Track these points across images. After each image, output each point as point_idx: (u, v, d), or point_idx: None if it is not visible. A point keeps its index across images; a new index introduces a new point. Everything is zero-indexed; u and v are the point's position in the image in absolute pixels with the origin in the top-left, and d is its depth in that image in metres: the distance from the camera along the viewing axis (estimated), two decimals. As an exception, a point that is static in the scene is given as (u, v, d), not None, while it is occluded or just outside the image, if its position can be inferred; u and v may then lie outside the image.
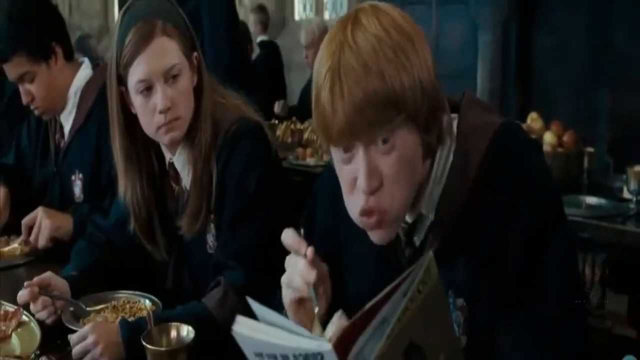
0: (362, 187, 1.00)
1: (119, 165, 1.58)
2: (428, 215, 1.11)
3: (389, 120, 0.97)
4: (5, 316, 1.48)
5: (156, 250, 1.63)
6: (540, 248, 1.06)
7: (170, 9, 1.52)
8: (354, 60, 0.97)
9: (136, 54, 1.45)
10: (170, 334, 1.19)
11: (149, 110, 1.47)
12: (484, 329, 1.09)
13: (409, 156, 1.02)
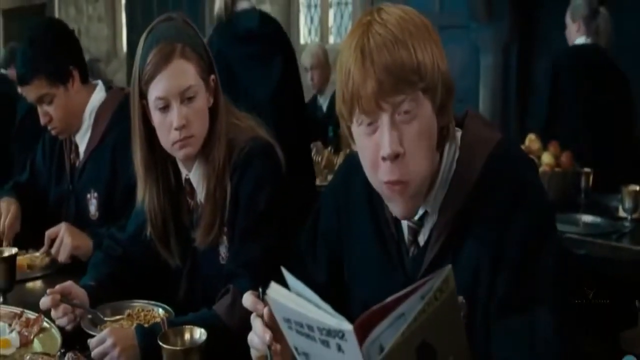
0: (386, 152, 1.12)
1: (138, 173, 1.69)
2: (432, 214, 1.23)
3: (411, 85, 1.10)
4: (27, 323, 1.58)
5: (170, 257, 1.74)
6: (534, 252, 1.17)
7: (191, 33, 1.64)
8: (383, 32, 1.11)
9: (156, 72, 1.57)
10: (184, 336, 1.28)
11: (165, 127, 1.59)
12: (481, 327, 1.19)
13: (427, 130, 1.15)
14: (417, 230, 1.26)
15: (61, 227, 2.06)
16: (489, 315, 1.19)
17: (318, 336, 0.86)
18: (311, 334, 0.87)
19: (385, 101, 1.11)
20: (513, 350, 1.15)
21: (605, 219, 2.64)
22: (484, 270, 1.18)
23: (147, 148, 1.66)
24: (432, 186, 1.21)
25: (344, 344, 0.83)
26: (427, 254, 1.23)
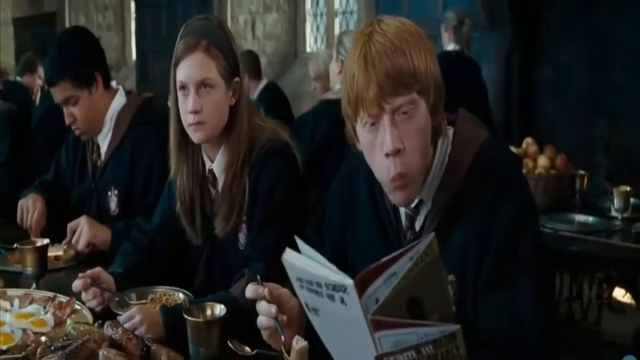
0: (388, 148, 1.28)
1: (172, 151, 1.88)
2: (427, 202, 1.40)
3: (408, 87, 1.27)
4: (60, 305, 1.74)
5: (193, 235, 1.91)
6: (515, 236, 1.33)
7: (221, 35, 1.82)
8: (383, 41, 1.28)
9: (180, 59, 1.78)
10: (206, 311, 1.44)
11: (183, 108, 1.79)
12: (469, 302, 1.36)
13: (423, 128, 1.31)
14: (413, 217, 1.42)
15: (81, 219, 2.23)
16: (476, 292, 1.35)
17: (325, 291, 1.02)
18: (319, 290, 1.03)
19: (386, 102, 1.28)
20: (498, 321, 1.31)
21: (598, 218, 2.80)
22: (472, 252, 1.35)
23: (180, 128, 1.85)
24: (427, 177, 1.38)
25: (346, 297, 0.99)
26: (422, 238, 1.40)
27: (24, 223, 2.36)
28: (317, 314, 1.07)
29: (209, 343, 1.39)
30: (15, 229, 2.40)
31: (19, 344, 1.54)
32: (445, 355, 0.95)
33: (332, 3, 6.51)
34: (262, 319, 1.36)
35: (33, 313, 1.72)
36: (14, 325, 1.63)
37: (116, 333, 1.31)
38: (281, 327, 1.34)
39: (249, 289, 1.38)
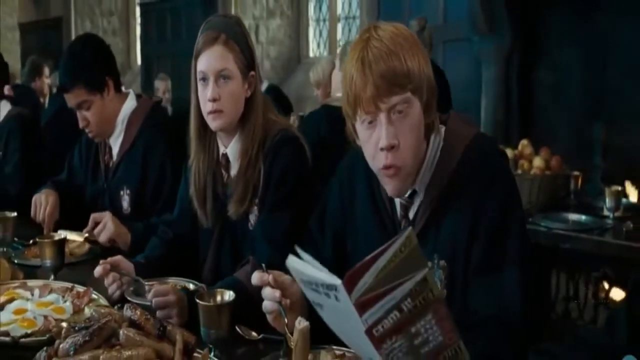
0: (384, 144, 1.42)
1: (192, 137, 2.03)
2: (420, 193, 1.53)
3: (402, 87, 1.41)
4: (78, 295, 1.87)
5: (204, 217, 2.06)
6: (502, 225, 1.47)
7: (238, 31, 1.97)
8: (379, 45, 1.42)
9: (201, 50, 1.93)
10: (217, 297, 1.57)
11: (203, 97, 1.93)
12: (459, 285, 1.49)
13: (416, 125, 1.45)
14: (407, 206, 1.56)
15: (106, 214, 2.35)
16: (466, 276, 1.48)
17: (322, 290, 1.15)
18: (318, 289, 1.16)
19: (382, 102, 1.41)
20: (486, 301, 1.44)
21: (590, 217, 2.92)
22: (461, 239, 1.48)
23: (200, 117, 1.99)
24: (420, 170, 1.51)
25: (338, 295, 1.11)
26: (415, 226, 1.53)
27: (37, 216, 2.50)
28: (322, 308, 1.19)
29: (219, 326, 1.52)
30: (29, 228, 2.53)
31: (42, 329, 1.67)
32: (424, 303, 1.07)
33: (334, 9, 6.64)
34: (267, 303, 1.50)
35: (53, 302, 1.84)
36: (36, 312, 1.76)
37: (135, 314, 1.44)
38: (285, 310, 1.47)
39: (254, 277, 1.51)
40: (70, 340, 1.38)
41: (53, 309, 1.79)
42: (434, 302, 1.08)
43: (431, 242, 1.52)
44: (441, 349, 1.11)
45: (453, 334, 1.11)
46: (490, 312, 1.44)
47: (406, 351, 1.10)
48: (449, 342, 1.11)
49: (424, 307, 1.08)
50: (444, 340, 1.11)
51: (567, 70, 4.75)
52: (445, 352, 1.12)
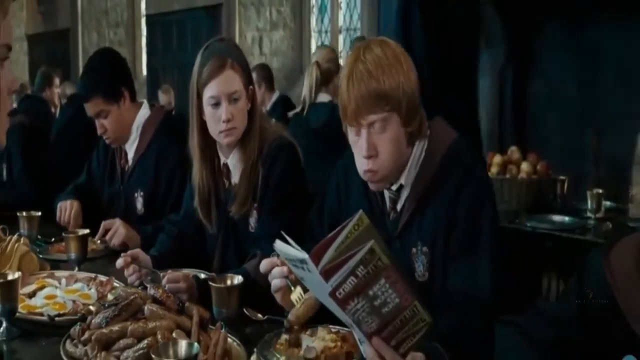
0: (364, 154, 1.68)
1: (194, 155, 2.24)
2: (406, 188, 1.77)
3: (380, 108, 1.65)
4: (101, 283, 2.11)
5: (209, 225, 2.29)
6: (475, 217, 1.71)
7: (238, 52, 2.21)
8: (362, 69, 1.65)
9: (211, 78, 2.12)
10: (227, 281, 1.80)
11: (215, 119, 2.14)
12: (440, 269, 1.73)
13: (395, 139, 1.68)
14: (395, 200, 1.79)
15: (116, 221, 2.59)
16: (445, 260, 1.72)
17: (299, 265, 1.37)
18: (297, 265, 1.39)
19: (362, 118, 1.65)
20: (462, 284, 1.68)
21: (573, 218, 3.15)
22: (441, 229, 1.72)
23: (201, 135, 2.21)
24: (405, 168, 1.75)
25: (310, 267, 1.33)
26: (402, 217, 1.77)
27: (62, 220, 2.74)
28: (305, 281, 1.43)
29: (229, 305, 1.75)
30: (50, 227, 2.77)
31: (71, 311, 1.91)
32: (375, 270, 1.30)
33: (336, 20, 6.87)
34: (276, 281, 1.72)
35: (79, 289, 2.08)
36: (65, 297, 2.00)
37: (157, 292, 1.67)
38: (292, 283, 1.70)
39: (264, 264, 1.74)
40: (102, 315, 1.62)
41: (80, 295, 2.03)
42: (384, 269, 1.30)
43: (415, 230, 1.76)
44: (400, 310, 1.34)
45: (408, 295, 1.34)
46: (463, 290, 1.67)
47: (369, 311, 1.33)
48: (405, 303, 1.34)
49: (376, 273, 1.30)
50: (401, 302, 1.34)
51: (558, 82, 4.89)
52: (404, 312, 1.35)
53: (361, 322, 1.35)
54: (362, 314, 1.33)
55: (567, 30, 4.72)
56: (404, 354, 1.40)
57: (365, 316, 1.33)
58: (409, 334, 1.38)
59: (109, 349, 1.53)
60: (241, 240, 2.26)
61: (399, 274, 1.33)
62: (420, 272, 1.77)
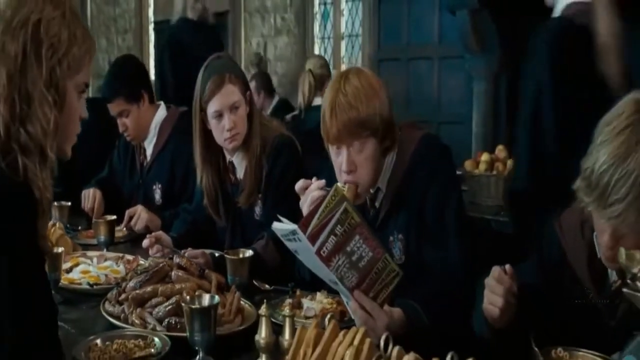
0: (344, 169, 1.99)
1: (197, 163, 2.58)
2: (382, 189, 2.09)
3: (359, 134, 1.96)
4: (128, 261, 2.45)
5: (219, 220, 2.64)
6: (443, 205, 2.04)
7: (233, 65, 2.58)
8: (343, 100, 1.95)
9: (213, 95, 2.47)
10: (239, 254, 2.14)
11: (219, 129, 2.49)
12: (414, 252, 2.06)
13: (372, 157, 1.99)
14: (373, 199, 2.12)
15: (138, 207, 2.95)
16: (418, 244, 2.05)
17: (292, 237, 1.68)
18: (290, 238, 1.70)
19: (342, 142, 1.97)
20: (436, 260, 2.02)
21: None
22: (413, 218, 2.05)
23: (204, 144, 2.56)
24: (380, 172, 2.06)
25: (299, 236, 1.63)
26: (380, 213, 2.10)
27: (86, 206, 3.09)
28: (298, 253, 1.76)
29: (241, 274, 2.09)
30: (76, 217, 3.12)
31: (105, 283, 2.25)
32: (350, 228, 1.63)
33: (338, 27, 7.17)
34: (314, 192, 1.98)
35: (109, 266, 2.43)
36: (98, 272, 2.34)
37: (182, 261, 2.02)
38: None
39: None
40: (135, 280, 1.96)
41: (111, 270, 2.37)
42: (357, 226, 1.65)
43: (392, 222, 2.09)
44: (374, 262, 1.69)
45: (379, 249, 1.69)
46: (437, 266, 2.02)
47: (349, 266, 1.67)
48: (377, 255, 1.69)
49: (351, 230, 1.64)
50: (374, 255, 1.68)
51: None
52: (377, 264, 1.69)
53: (344, 278, 1.68)
54: (344, 269, 1.66)
55: None
56: (381, 304, 1.75)
57: (346, 271, 1.67)
58: (383, 285, 1.73)
59: (142, 306, 1.88)
60: (248, 227, 2.60)
61: (369, 231, 1.68)
62: (397, 256, 2.10)
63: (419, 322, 1.84)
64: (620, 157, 1.41)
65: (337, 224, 1.63)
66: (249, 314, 1.93)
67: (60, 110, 1.37)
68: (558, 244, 1.78)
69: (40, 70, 1.34)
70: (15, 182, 1.29)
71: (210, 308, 1.64)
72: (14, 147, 1.31)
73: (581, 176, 1.50)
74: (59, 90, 1.36)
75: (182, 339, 1.69)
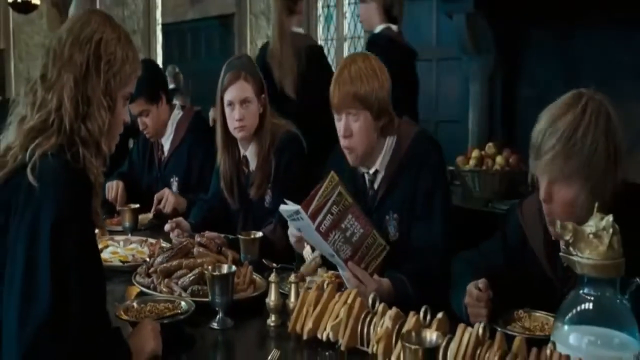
0: (341, 134, 2.37)
1: (218, 147, 2.95)
2: (381, 171, 2.44)
3: (355, 106, 2.33)
4: (151, 244, 2.81)
5: (233, 202, 3.00)
6: (432, 190, 2.39)
7: (251, 66, 2.93)
8: (346, 76, 2.33)
9: (228, 86, 2.86)
10: (251, 235, 2.50)
11: (231, 118, 2.86)
12: (406, 231, 2.41)
13: (365, 128, 2.35)
14: (372, 181, 2.48)
15: (165, 190, 3.31)
16: (410, 224, 2.40)
17: (296, 217, 2.05)
18: (294, 217, 2.07)
19: (342, 111, 2.35)
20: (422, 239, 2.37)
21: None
22: (407, 201, 2.41)
23: (224, 131, 2.92)
24: (380, 156, 2.43)
25: (302, 215, 2.01)
26: (378, 194, 2.46)
27: (110, 197, 3.46)
28: (301, 231, 2.12)
29: (252, 252, 2.45)
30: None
31: (132, 261, 2.61)
32: (344, 208, 2.00)
33: (341, 29, 7.46)
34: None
35: (135, 248, 2.79)
36: (126, 253, 2.70)
37: (202, 239, 2.38)
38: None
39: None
40: (162, 256, 2.32)
41: (137, 251, 2.73)
42: (350, 206, 2.02)
43: (388, 203, 2.44)
44: (364, 237, 2.06)
45: (369, 226, 2.05)
46: (423, 243, 2.37)
47: (343, 241, 2.04)
48: (367, 232, 2.06)
49: (345, 210, 2.02)
50: (364, 231, 2.05)
51: (545, 86, 5.11)
52: (367, 239, 2.05)
53: (339, 251, 2.05)
54: (339, 243, 2.03)
55: (553, 39, 5.10)
56: (371, 274, 2.10)
57: (341, 245, 2.04)
58: (372, 257, 2.09)
59: (169, 277, 2.23)
60: (258, 215, 2.96)
61: (360, 211, 2.05)
62: (392, 233, 2.45)
63: (405, 292, 2.19)
64: (553, 120, 1.82)
65: (333, 204, 2.00)
66: (260, 285, 2.28)
67: (112, 114, 1.73)
68: (520, 228, 2.12)
69: (98, 80, 1.69)
70: (77, 169, 1.64)
71: (229, 275, 1.99)
72: (77, 140, 1.66)
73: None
74: (112, 98, 1.72)
75: (204, 303, 2.05)
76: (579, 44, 4.83)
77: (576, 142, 1.79)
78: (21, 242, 1.54)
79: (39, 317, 1.48)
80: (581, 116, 1.81)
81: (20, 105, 1.74)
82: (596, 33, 4.70)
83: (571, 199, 1.84)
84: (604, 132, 1.81)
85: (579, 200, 1.84)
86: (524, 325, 1.95)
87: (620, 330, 1.57)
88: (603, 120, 1.81)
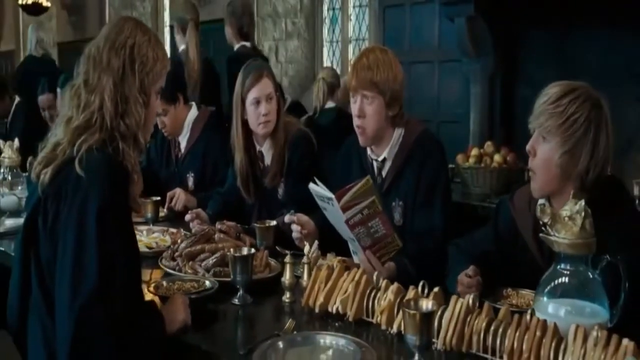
0: (355, 113, 2.64)
1: (237, 146, 3.20)
2: (389, 160, 2.71)
3: (370, 89, 2.60)
4: (172, 233, 3.06)
5: (248, 197, 3.26)
6: (434, 182, 2.65)
7: (269, 67, 3.23)
8: (365, 63, 2.62)
9: (252, 85, 3.11)
10: (266, 223, 2.75)
11: (256, 114, 3.11)
12: (410, 217, 2.67)
13: (377, 112, 2.64)
14: (381, 168, 2.75)
15: (177, 189, 3.57)
16: (414, 210, 2.67)
17: (326, 201, 2.33)
18: (324, 201, 2.34)
19: (357, 92, 2.62)
20: (423, 224, 2.63)
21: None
22: (411, 191, 2.67)
23: (243, 131, 3.17)
24: (388, 145, 2.69)
25: (333, 202, 2.28)
26: (385, 181, 2.73)
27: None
28: (327, 212, 2.39)
29: (267, 240, 2.71)
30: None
31: (157, 248, 2.87)
32: (373, 213, 2.27)
33: (346, 32, 7.66)
34: (294, 233, 2.67)
35: (157, 236, 3.04)
36: (150, 240, 2.96)
37: (222, 226, 2.64)
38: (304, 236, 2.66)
39: (286, 218, 2.70)
40: (186, 241, 2.58)
41: (159, 240, 2.99)
42: (379, 213, 2.30)
43: (394, 190, 2.71)
44: (384, 237, 2.33)
45: (391, 230, 2.32)
46: (424, 228, 2.63)
47: (366, 234, 2.31)
48: (388, 232, 2.32)
49: (373, 214, 2.29)
50: (386, 233, 2.31)
51: (544, 86, 5.42)
52: (387, 239, 2.33)
53: (360, 240, 2.33)
54: (362, 235, 2.31)
55: (551, 41, 5.25)
56: (382, 263, 2.37)
57: (364, 237, 2.32)
58: (387, 252, 2.38)
59: (193, 260, 2.49)
60: (272, 206, 3.22)
61: (387, 217, 2.33)
62: (397, 218, 2.72)
63: (407, 273, 2.45)
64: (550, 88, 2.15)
65: (365, 207, 2.29)
66: (274, 267, 2.54)
67: (147, 108, 1.99)
68: (511, 217, 2.37)
69: (134, 79, 1.95)
70: (117, 161, 1.90)
71: (248, 256, 2.25)
72: (117, 135, 1.92)
73: None
74: (146, 94, 1.98)
75: (226, 283, 2.31)
76: (576, 46, 4.99)
77: (560, 105, 2.07)
78: (71, 225, 1.80)
79: (89, 286, 1.73)
80: (573, 92, 2.09)
81: (66, 107, 1.99)
82: (593, 35, 4.85)
83: (548, 155, 2.09)
84: (589, 109, 2.07)
85: (554, 159, 2.08)
86: (511, 302, 2.20)
87: (592, 301, 1.83)
88: (591, 104, 2.08)
